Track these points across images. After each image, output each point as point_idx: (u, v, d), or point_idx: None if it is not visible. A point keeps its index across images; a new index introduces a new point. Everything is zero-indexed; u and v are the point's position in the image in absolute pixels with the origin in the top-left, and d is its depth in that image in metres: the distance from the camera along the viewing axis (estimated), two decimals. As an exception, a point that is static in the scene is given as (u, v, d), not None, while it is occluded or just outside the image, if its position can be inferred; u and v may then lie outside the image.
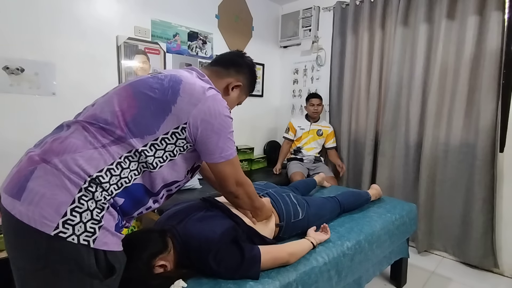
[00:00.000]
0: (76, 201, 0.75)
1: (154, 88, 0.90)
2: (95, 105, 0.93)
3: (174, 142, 0.90)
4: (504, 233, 2.11)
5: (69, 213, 0.74)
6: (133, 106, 0.88)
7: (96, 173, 0.79)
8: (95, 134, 0.84)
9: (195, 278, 1.02)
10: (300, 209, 1.43)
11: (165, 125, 0.88)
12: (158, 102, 0.88)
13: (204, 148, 0.94)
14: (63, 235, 0.72)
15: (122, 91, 0.93)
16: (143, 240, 0.98)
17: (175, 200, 2.02)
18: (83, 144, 0.81)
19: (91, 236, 0.75)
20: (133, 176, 0.85)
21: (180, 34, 2.63)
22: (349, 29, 2.80)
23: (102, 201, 0.78)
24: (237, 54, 1.17)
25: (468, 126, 2.18)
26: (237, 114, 3.16)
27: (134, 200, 0.87)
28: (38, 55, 1.91)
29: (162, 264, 0.95)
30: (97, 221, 0.76)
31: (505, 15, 2.00)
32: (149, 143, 0.87)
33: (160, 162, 0.89)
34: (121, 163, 0.83)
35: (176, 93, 0.90)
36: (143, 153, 0.86)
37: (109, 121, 0.86)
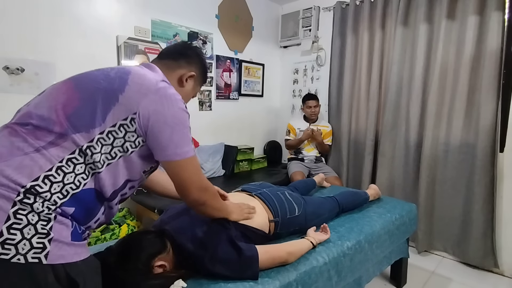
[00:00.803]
0: (11, 217, 0.65)
1: (99, 79, 0.83)
2: (30, 104, 0.83)
3: (122, 135, 0.80)
4: (504, 233, 2.11)
5: (6, 232, 0.64)
6: (75, 98, 0.79)
7: (30, 182, 0.68)
8: (25, 137, 0.73)
9: (195, 278, 1.02)
10: (297, 206, 1.43)
11: (112, 115, 0.78)
12: (104, 92, 0.80)
13: (156, 143, 0.83)
14: (5, 256, 0.63)
15: (61, 85, 0.84)
16: (142, 241, 0.97)
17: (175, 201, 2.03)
18: (8, 151, 0.70)
19: (40, 252, 0.66)
20: (81, 181, 0.75)
21: (180, 34, 2.63)
22: (349, 29, 2.80)
23: (45, 212, 0.68)
24: (185, 45, 1.09)
25: (468, 126, 2.18)
26: (237, 114, 3.20)
27: (86, 208, 0.77)
28: (38, 55, 1.91)
29: (161, 264, 0.95)
30: (44, 234, 0.67)
31: (505, 15, 2.00)
32: (96, 138, 0.76)
33: (108, 160, 0.79)
34: (62, 168, 0.72)
35: (124, 82, 0.82)
36: (89, 150, 0.75)
37: (45, 117, 0.75)
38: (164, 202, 2.01)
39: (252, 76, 3.34)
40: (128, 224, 2.12)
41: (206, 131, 2.89)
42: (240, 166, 3.06)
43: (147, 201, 2.11)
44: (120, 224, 2.10)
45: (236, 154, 2.98)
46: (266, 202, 1.37)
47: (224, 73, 3.03)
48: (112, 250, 0.95)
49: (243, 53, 3.21)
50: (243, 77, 3.23)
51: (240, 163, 3.05)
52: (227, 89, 3.09)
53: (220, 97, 3.03)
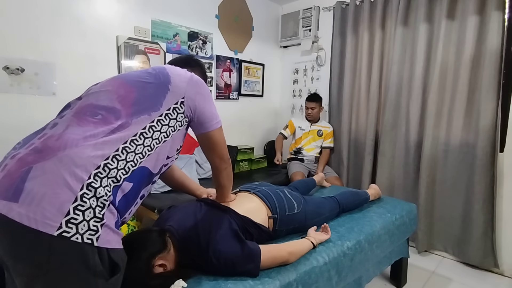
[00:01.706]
0: (78, 199, 0.73)
1: (144, 76, 0.99)
2: (85, 98, 0.94)
3: (175, 117, 0.97)
4: (504, 233, 2.11)
5: (72, 211, 0.71)
6: (131, 91, 0.94)
7: (103, 161, 0.79)
8: (96, 125, 0.84)
9: (195, 277, 1.02)
10: (296, 204, 1.44)
11: (167, 101, 0.96)
12: (154, 85, 0.97)
13: (203, 118, 1.04)
14: (67, 234, 0.70)
15: (111, 82, 0.98)
16: (143, 240, 0.98)
17: (174, 201, 2.03)
18: (83, 137, 0.80)
19: (94, 234, 0.74)
20: (139, 159, 0.87)
21: (180, 34, 2.63)
22: (349, 29, 2.80)
23: (103, 198, 0.76)
24: (188, 56, 1.34)
25: (468, 126, 2.18)
26: (237, 114, 3.20)
27: (140, 182, 0.88)
28: (38, 55, 1.91)
29: (162, 263, 0.95)
30: (99, 219, 0.75)
31: (505, 15, 2.00)
32: (156, 119, 0.93)
33: (165, 137, 0.94)
34: (125, 148, 0.84)
35: (167, 75, 1.00)
36: (151, 129, 0.90)
37: (109, 107, 0.89)
38: (164, 202, 2.01)
39: (252, 76, 3.34)
40: (128, 224, 2.12)
41: (206, 131, 2.88)
42: (240, 166, 3.06)
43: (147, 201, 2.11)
44: (120, 224, 2.10)
45: (236, 154, 2.98)
46: (264, 199, 1.39)
47: (224, 73, 3.03)
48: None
49: (243, 53, 3.21)
50: (243, 77, 3.23)
51: (240, 163, 3.05)
52: (227, 89, 3.09)
53: (220, 97, 3.03)
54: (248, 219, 1.23)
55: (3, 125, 1.82)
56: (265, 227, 1.29)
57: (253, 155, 3.18)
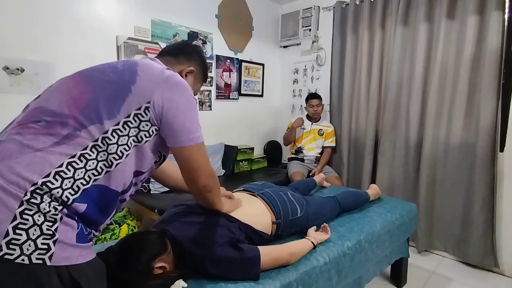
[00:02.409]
0: (18, 217, 0.64)
1: (107, 72, 0.84)
2: (38, 99, 0.82)
3: (137, 125, 0.80)
4: (504, 233, 2.11)
5: (12, 231, 0.63)
6: (86, 91, 0.80)
7: (42, 179, 0.67)
8: (36, 134, 0.72)
9: (195, 278, 1.02)
10: (299, 207, 1.43)
11: (126, 106, 0.79)
12: (115, 84, 0.81)
13: (170, 130, 0.84)
14: (10, 257, 0.63)
15: (69, 79, 0.85)
16: (142, 242, 0.97)
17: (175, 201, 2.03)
18: (19, 148, 0.70)
19: (45, 253, 0.65)
20: (92, 177, 0.74)
21: (180, 34, 2.63)
22: (349, 29, 2.80)
23: (52, 213, 0.67)
24: (184, 43, 1.13)
25: (468, 125, 2.18)
26: (237, 114, 3.19)
27: (99, 204, 0.76)
28: (38, 55, 1.91)
29: (162, 265, 0.94)
30: (49, 235, 0.66)
31: (505, 14, 2.00)
32: (110, 129, 0.77)
33: (126, 150, 0.78)
34: (72, 163, 0.71)
35: (134, 73, 0.83)
36: (105, 141, 0.75)
37: (57, 112, 0.75)
38: (164, 202, 2.01)
39: (252, 76, 3.34)
40: (128, 224, 2.12)
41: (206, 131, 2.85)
42: (240, 166, 3.06)
43: (147, 201, 2.11)
44: (120, 224, 2.10)
45: (236, 154, 2.98)
46: (269, 203, 1.36)
47: (224, 73, 3.03)
48: (112, 251, 0.95)
49: (243, 53, 3.21)
50: (243, 77, 3.23)
51: (240, 163, 3.05)
52: (227, 89, 3.09)
53: (220, 97, 3.03)
54: (250, 228, 1.20)
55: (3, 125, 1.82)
56: (266, 234, 1.26)
57: (253, 155, 3.18)
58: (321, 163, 2.86)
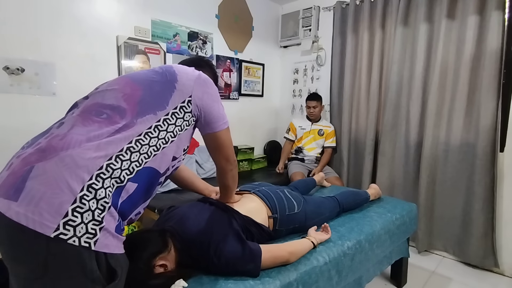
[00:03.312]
0: (77, 200, 0.71)
1: (150, 75, 0.98)
2: (92, 97, 0.93)
3: (182, 116, 0.95)
4: (504, 233, 2.11)
5: (71, 213, 0.69)
6: (137, 89, 0.93)
7: (106, 161, 0.77)
8: (100, 125, 0.83)
9: (195, 277, 1.02)
10: (296, 203, 1.44)
11: (173, 100, 0.94)
12: (161, 83, 0.96)
13: (210, 118, 1.02)
14: (64, 236, 0.68)
15: (117, 81, 0.97)
16: (143, 240, 0.98)
17: (175, 200, 2.03)
18: (86, 138, 0.79)
19: (92, 237, 0.71)
20: (144, 160, 0.85)
21: (180, 34, 2.63)
22: (349, 29, 2.80)
23: (104, 200, 0.74)
24: (198, 57, 1.33)
25: (468, 125, 2.18)
26: (237, 114, 3.19)
27: (145, 183, 0.86)
28: (38, 55, 1.91)
29: (163, 264, 0.95)
30: (98, 222, 0.73)
31: (505, 14, 2.00)
32: (162, 119, 0.91)
33: (171, 137, 0.92)
34: (130, 148, 0.82)
35: (174, 73, 0.99)
36: (157, 128, 0.89)
37: (115, 106, 0.88)
38: (164, 202, 2.01)
39: (252, 76, 3.34)
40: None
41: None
42: (240, 166, 3.06)
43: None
44: (121, 224, 2.10)
45: (236, 154, 2.98)
46: (264, 199, 1.39)
47: (224, 73, 3.03)
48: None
49: (243, 53, 3.21)
50: (243, 77, 3.23)
51: (240, 163, 3.05)
52: (227, 89, 3.09)
53: (220, 97, 3.02)
54: (250, 219, 1.23)
55: (3, 125, 1.82)
56: (266, 227, 1.29)
57: (253, 155, 3.18)
58: (321, 163, 2.86)
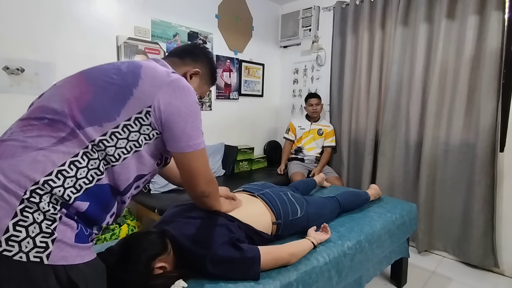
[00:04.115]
0: (18, 214, 0.64)
1: (111, 74, 0.83)
2: (42, 97, 0.84)
3: (138, 129, 0.80)
4: (504, 233, 2.11)
5: (12, 228, 0.64)
6: (87, 92, 0.79)
7: (44, 177, 0.68)
8: (39, 132, 0.73)
9: (195, 278, 1.02)
10: (299, 207, 1.43)
11: (127, 110, 0.79)
12: (117, 87, 0.80)
13: (170, 135, 0.84)
14: (8, 253, 0.63)
15: (72, 79, 0.85)
16: (142, 242, 0.97)
17: (175, 201, 2.03)
18: (22, 146, 0.70)
19: (43, 251, 0.65)
20: (95, 176, 0.74)
21: (180, 34, 2.63)
22: (349, 29, 2.80)
23: (51, 212, 0.67)
24: (192, 44, 1.13)
25: (468, 125, 2.18)
26: (237, 114, 3.19)
27: (100, 203, 0.76)
28: (38, 55, 1.91)
29: (162, 265, 0.94)
30: (48, 234, 0.66)
31: (505, 14, 2.00)
32: (109, 132, 0.77)
33: (124, 154, 0.78)
34: (75, 162, 0.72)
35: (137, 76, 0.82)
36: (102, 144, 0.75)
37: (58, 111, 0.76)
38: (164, 202, 2.01)
39: (252, 76, 3.34)
40: (128, 224, 2.12)
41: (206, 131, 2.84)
42: (240, 166, 3.06)
43: (147, 201, 2.11)
44: (120, 224, 2.10)
45: (236, 154, 2.98)
46: (268, 204, 1.36)
47: (224, 73, 3.03)
48: (112, 251, 0.94)
49: (243, 53, 3.21)
50: (243, 77, 3.23)
51: (240, 163, 3.05)
52: (227, 89, 3.09)
53: (220, 97, 3.03)
54: (250, 228, 1.20)
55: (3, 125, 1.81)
56: (266, 234, 1.27)
57: (253, 155, 3.18)
58: (321, 163, 2.86)
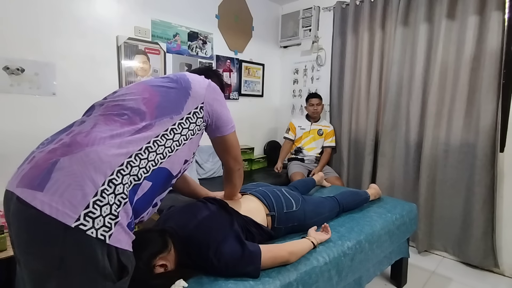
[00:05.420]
0: (99, 193, 0.74)
1: (166, 82, 1.05)
2: (112, 99, 0.98)
3: (195, 121, 1.02)
4: (504, 233, 2.11)
5: (92, 205, 0.72)
6: (155, 95, 0.99)
7: (127, 159, 0.81)
8: (122, 125, 0.88)
9: (195, 277, 1.02)
10: (294, 202, 1.45)
11: (187, 106, 1.01)
12: (176, 90, 1.02)
13: (220, 122, 1.10)
14: (84, 227, 0.70)
15: (136, 86, 1.03)
16: (143, 240, 0.97)
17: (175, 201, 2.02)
18: (109, 136, 0.83)
19: (108, 231, 0.73)
20: (159, 160, 0.90)
21: (180, 34, 2.63)
22: (349, 29, 2.80)
23: (121, 195, 0.77)
24: (206, 67, 1.41)
25: (468, 126, 2.18)
26: (237, 114, 3.19)
27: (159, 183, 0.90)
28: (38, 55, 1.91)
29: (163, 264, 0.95)
30: (114, 216, 0.75)
31: (505, 15, 2.00)
32: (177, 122, 0.97)
33: (184, 140, 0.98)
34: (148, 148, 0.88)
35: (187, 81, 1.06)
36: (173, 131, 0.95)
37: (135, 108, 0.93)
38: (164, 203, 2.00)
39: (252, 76, 3.34)
40: (128, 224, 2.12)
41: (206, 131, 2.89)
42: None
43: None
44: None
45: (236, 154, 2.97)
46: (261, 198, 1.40)
47: (224, 73, 3.03)
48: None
49: (243, 53, 3.21)
50: (243, 77, 3.23)
51: (240, 163, 3.05)
52: (227, 89, 3.09)
53: (220, 97, 3.03)
54: (250, 219, 1.24)
55: (3, 125, 1.82)
56: (265, 227, 1.30)
57: (253, 155, 3.18)
58: (321, 163, 2.86)
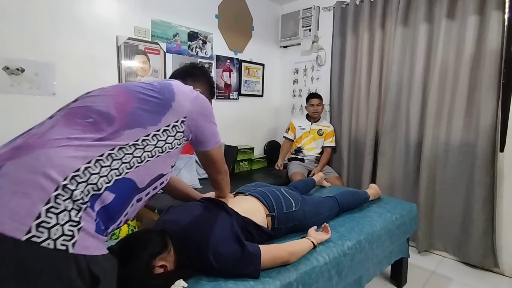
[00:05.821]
0: (52, 200, 0.66)
1: (147, 89, 0.95)
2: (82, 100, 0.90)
3: (173, 134, 0.94)
4: (504, 233, 2.11)
5: (44, 214, 0.64)
6: (130, 100, 0.91)
7: (84, 165, 0.73)
8: (82, 129, 0.79)
9: (195, 278, 1.02)
10: (294, 202, 1.45)
11: (166, 118, 0.93)
12: (157, 99, 0.93)
13: (203, 137, 1.05)
14: (37, 239, 0.62)
15: (112, 88, 0.94)
16: (143, 241, 0.97)
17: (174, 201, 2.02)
18: (66, 139, 0.75)
19: (69, 240, 0.66)
20: (124, 170, 0.80)
21: (180, 34, 2.63)
22: (349, 29, 2.80)
23: (80, 201, 0.70)
24: (191, 65, 1.30)
25: (468, 125, 2.18)
26: (237, 114, 3.20)
27: (123, 196, 0.81)
28: (38, 55, 1.91)
29: (162, 264, 0.95)
30: (75, 222, 0.68)
31: (505, 14, 2.00)
32: (152, 133, 0.89)
33: (159, 152, 0.90)
34: (112, 155, 0.79)
35: (172, 92, 0.97)
36: (145, 142, 0.87)
37: (103, 112, 0.84)
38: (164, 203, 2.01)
39: (252, 76, 3.34)
40: (128, 224, 2.12)
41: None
42: (240, 166, 3.06)
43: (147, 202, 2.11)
44: (121, 224, 2.10)
45: (236, 154, 2.98)
46: (260, 199, 1.40)
47: (224, 73, 3.03)
48: (113, 250, 0.94)
49: (243, 53, 3.21)
50: (243, 77, 3.23)
51: (240, 163, 3.05)
52: (227, 89, 3.09)
53: (220, 97, 3.03)
54: (249, 220, 1.24)
55: (3, 125, 1.82)
56: (265, 228, 1.29)
57: (253, 155, 3.18)
58: (321, 163, 2.86)
